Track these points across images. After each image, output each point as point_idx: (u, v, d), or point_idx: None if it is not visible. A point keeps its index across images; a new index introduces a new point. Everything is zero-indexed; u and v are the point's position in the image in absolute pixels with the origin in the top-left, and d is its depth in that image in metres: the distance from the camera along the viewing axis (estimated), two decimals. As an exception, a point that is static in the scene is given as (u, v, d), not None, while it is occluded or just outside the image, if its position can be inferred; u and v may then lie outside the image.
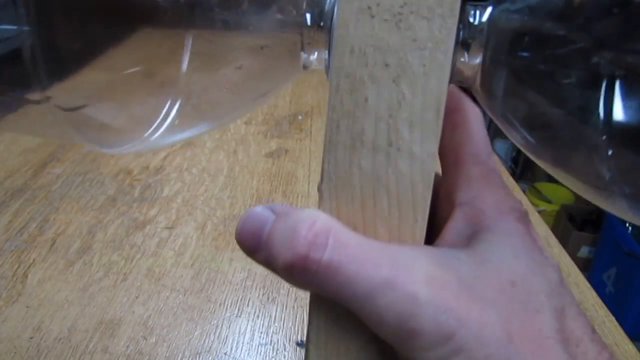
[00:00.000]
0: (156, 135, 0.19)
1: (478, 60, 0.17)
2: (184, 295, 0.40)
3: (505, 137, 0.20)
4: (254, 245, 0.16)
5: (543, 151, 0.18)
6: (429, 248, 0.16)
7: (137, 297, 0.40)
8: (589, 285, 0.44)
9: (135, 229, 0.48)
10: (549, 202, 1.66)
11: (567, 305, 0.16)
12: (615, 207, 0.16)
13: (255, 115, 0.74)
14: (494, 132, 1.54)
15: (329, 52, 0.17)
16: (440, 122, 0.16)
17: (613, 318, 0.40)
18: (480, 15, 0.17)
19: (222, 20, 0.18)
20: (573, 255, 0.48)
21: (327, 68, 0.18)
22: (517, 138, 0.18)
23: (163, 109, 0.18)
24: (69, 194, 0.53)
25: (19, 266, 0.43)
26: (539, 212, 0.55)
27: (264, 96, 0.21)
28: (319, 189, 0.17)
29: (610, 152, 0.15)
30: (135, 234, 0.47)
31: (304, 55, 0.19)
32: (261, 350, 0.36)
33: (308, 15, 0.18)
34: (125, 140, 0.19)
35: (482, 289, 0.15)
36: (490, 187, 0.18)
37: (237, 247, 0.16)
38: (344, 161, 0.16)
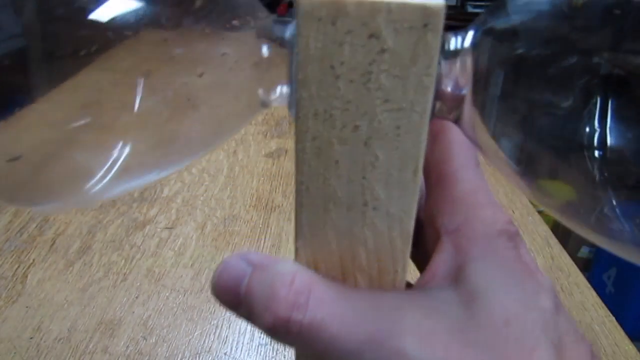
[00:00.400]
0: (97, 187, 0.16)
1: (464, 91, 0.15)
2: (184, 295, 0.40)
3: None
4: (233, 302, 0.15)
5: (532, 185, 0.16)
6: (414, 294, 0.16)
7: (137, 297, 0.40)
8: (589, 285, 0.44)
9: (135, 229, 0.48)
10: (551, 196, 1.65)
11: (564, 334, 0.15)
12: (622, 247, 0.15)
13: (255, 115, 0.74)
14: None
15: (290, 89, 0.16)
16: (419, 180, 0.15)
17: (613, 318, 0.40)
18: (462, 41, 0.15)
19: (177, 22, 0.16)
20: (573, 255, 0.48)
21: (290, 104, 0.16)
22: (505, 170, 0.17)
23: (110, 156, 0.16)
24: (68, 194, 0.53)
25: (18, 266, 0.43)
26: (539, 212, 0.55)
27: (224, 129, 0.19)
28: (295, 246, 0.16)
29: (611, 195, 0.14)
30: (135, 234, 0.47)
31: (261, 93, 0.17)
32: (261, 351, 0.36)
33: (265, 48, 0.16)
34: (60, 195, 0.17)
35: (475, 333, 0.14)
36: (476, 209, 0.16)
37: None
38: (318, 221, 0.16)
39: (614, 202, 0.13)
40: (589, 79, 0.13)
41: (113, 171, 0.16)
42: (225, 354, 0.35)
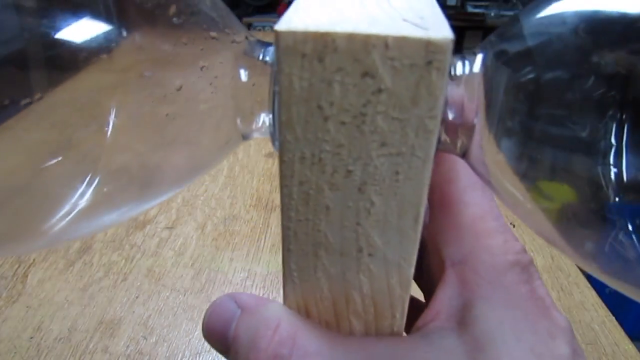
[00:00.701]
0: (58, 227, 0.14)
1: (475, 120, 0.14)
2: (184, 295, 0.40)
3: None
4: (222, 347, 0.15)
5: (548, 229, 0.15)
6: (413, 342, 0.14)
7: (137, 297, 0.40)
8: (589, 285, 0.44)
9: (135, 229, 0.48)
10: (551, 200, 1.65)
11: None
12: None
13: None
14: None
15: (273, 122, 0.14)
16: (419, 227, 0.13)
17: (613, 318, 0.40)
18: (471, 66, 0.14)
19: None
20: (573, 255, 0.48)
21: (272, 136, 0.15)
22: (524, 211, 0.15)
23: (75, 191, 0.13)
24: (69, 194, 0.53)
25: (19, 266, 0.43)
26: (539, 212, 0.55)
27: (200, 160, 0.16)
28: (284, 291, 0.15)
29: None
30: (135, 234, 0.47)
31: (239, 123, 0.15)
32: (261, 350, 0.36)
33: (242, 72, 0.14)
34: (14, 235, 0.14)
35: None
36: (484, 238, 0.15)
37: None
38: (307, 266, 0.14)
39: (630, 227, 0.12)
40: (604, 102, 0.12)
41: (79, 207, 0.14)
42: (225, 353, 0.35)
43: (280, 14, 1.78)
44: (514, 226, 0.51)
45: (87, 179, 0.14)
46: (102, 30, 0.13)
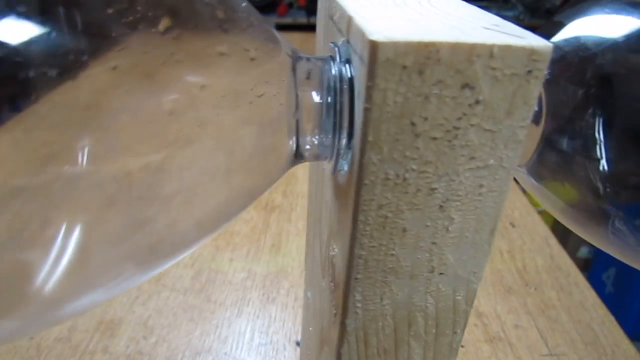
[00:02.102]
0: (43, 293, 0.10)
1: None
2: (184, 295, 0.40)
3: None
4: None
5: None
6: None
7: (137, 297, 0.40)
8: (588, 285, 0.44)
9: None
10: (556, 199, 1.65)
11: None
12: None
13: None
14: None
15: (346, 147, 0.13)
16: (493, 239, 0.13)
17: (613, 318, 0.40)
18: None
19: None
20: (573, 255, 0.48)
21: (334, 168, 0.14)
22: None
23: (50, 247, 0.10)
24: (69, 194, 0.53)
25: (19, 266, 0.43)
26: (539, 212, 0.55)
27: (240, 190, 0.13)
28: (343, 323, 0.14)
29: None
30: (136, 234, 0.48)
31: (289, 146, 0.13)
32: (261, 350, 0.36)
33: (292, 90, 0.12)
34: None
35: None
36: None
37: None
38: (374, 295, 0.14)
39: (623, 215, 0.13)
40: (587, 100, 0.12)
41: (58, 270, 0.10)
42: (225, 353, 0.35)
43: (280, 14, 1.78)
44: (513, 226, 0.51)
45: (62, 228, 0.11)
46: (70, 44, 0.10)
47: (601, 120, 0.13)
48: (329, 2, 0.16)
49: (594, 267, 1.46)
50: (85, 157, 0.10)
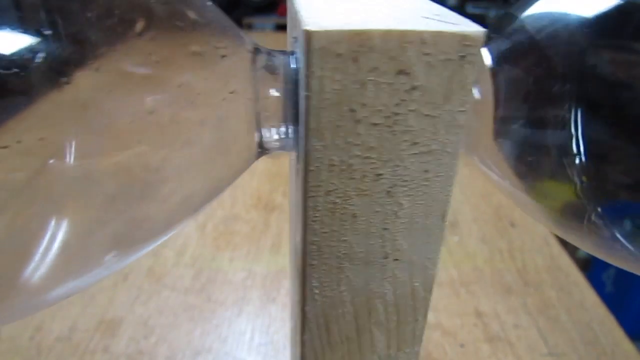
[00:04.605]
0: (31, 282, 0.11)
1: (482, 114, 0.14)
2: (185, 295, 0.40)
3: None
4: None
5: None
6: None
7: (137, 297, 0.40)
8: (588, 285, 0.44)
9: (135, 229, 0.48)
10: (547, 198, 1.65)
11: None
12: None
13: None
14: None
15: (294, 135, 0.13)
16: (445, 225, 0.13)
17: (613, 318, 0.40)
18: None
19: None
20: (573, 255, 0.48)
21: (293, 152, 0.14)
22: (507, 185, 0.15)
23: (40, 237, 0.11)
24: (69, 194, 0.53)
25: (19, 266, 0.43)
26: (539, 212, 0.55)
27: (212, 178, 0.14)
28: (303, 310, 0.14)
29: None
30: (136, 234, 0.48)
31: (255, 139, 0.13)
32: (261, 350, 0.36)
33: (254, 84, 0.12)
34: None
35: None
36: None
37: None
38: (331, 281, 0.14)
39: (599, 209, 0.13)
40: (564, 84, 0.12)
41: (47, 259, 0.11)
42: (225, 353, 0.35)
43: (280, 14, 1.78)
44: (513, 226, 0.51)
45: (52, 220, 0.11)
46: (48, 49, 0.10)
47: (575, 110, 0.13)
48: None
49: (594, 267, 1.46)
50: (71, 152, 0.11)
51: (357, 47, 0.11)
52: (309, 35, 0.10)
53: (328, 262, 0.13)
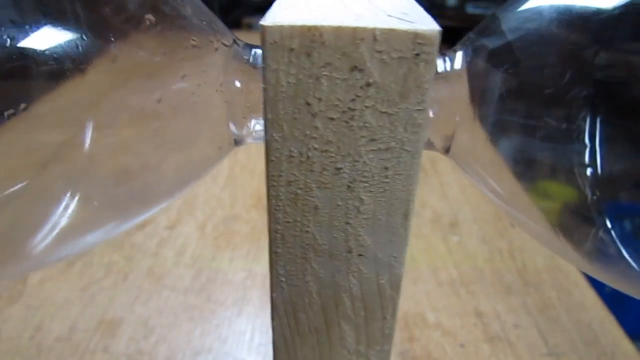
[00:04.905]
0: (41, 247, 0.13)
1: (457, 117, 0.13)
2: (185, 295, 0.40)
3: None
4: None
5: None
6: None
7: (137, 297, 0.40)
8: (588, 285, 0.44)
9: (135, 229, 0.48)
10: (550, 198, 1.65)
11: None
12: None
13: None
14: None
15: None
16: (410, 224, 0.13)
17: (613, 318, 0.40)
18: (452, 63, 0.14)
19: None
20: (573, 255, 0.48)
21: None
22: (500, 198, 0.15)
23: (55, 208, 0.13)
24: (69, 194, 0.53)
25: (19, 266, 0.43)
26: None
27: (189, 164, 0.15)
28: (271, 296, 0.15)
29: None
30: (136, 234, 0.48)
31: (232, 129, 0.14)
32: (262, 350, 0.36)
33: (231, 76, 0.13)
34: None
35: None
36: None
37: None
38: (296, 271, 0.14)
39: (609, 225, 0.12)
40: (578, 93, 0.12)
41: (62, 223, 0.13)
42: (225, 353, 0.35)
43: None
44: (513, 226, 0.51)
45: (70, 192, 0.13)
46: (74, 42, 0.12)
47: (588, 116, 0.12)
48: None
49: (594, 267, 1.46)
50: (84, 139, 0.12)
51: (310, 42, 0.11)
52: (263, 29, 0.11)
53: (292, 252, 0.14)
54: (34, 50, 0.11)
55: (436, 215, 0.52)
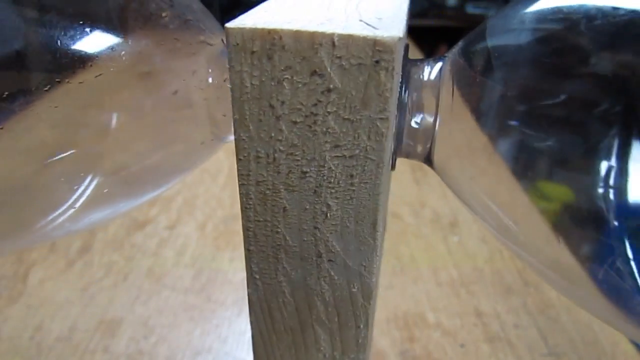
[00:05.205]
0: (54, 224, 0.14)
1: (437, 126, 0.13)
2: (185, 295, 0.40)
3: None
4: None
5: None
6: None
7: (137, 297, 0.40)
8: (588, 285, 0.44)
9: (135, 229, 0.48)
10: (549, 200, 1.65)
11: None
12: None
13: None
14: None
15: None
16: (379, 235, 0.13)
17: (613, 318, 0.40)
18: (430, 71, 0.13)
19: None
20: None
21: None
22: (482, 211, 0.14)
23: (74, 192, 0.14)
24: (69, 194, 0.53)
25: (20, 266, 0.43)
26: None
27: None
28: (248, 294, 0.15)
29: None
30: (136, 234, 0.48)
31: (214, 126, 0.15)
32: (261, 350, 0.36)
33: (214, 74, 0.14)
34: (9, 233, 0.14)
35: None
36: None
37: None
38: (269, 269, 0.14)
39: (630, 255, 0.11)
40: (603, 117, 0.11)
41: (76, 206, 0.14)
42: (225, 353, 0.35)
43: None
44: (513, 226, 0.51)
45: (88, 179, 0.14)
46: (105, 36, 0.13)
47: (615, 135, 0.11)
48: None
49: (594, 267, 1.46)
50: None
51: (270, 45, 0.11)
52: (227, 31, 0.11)
53: (264, 250, 0.14)
54: (34, 46, 0.12)
55: (436, 215, 0.52)
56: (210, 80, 0.14)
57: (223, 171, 0.59)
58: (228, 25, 0.11)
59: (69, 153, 0.13)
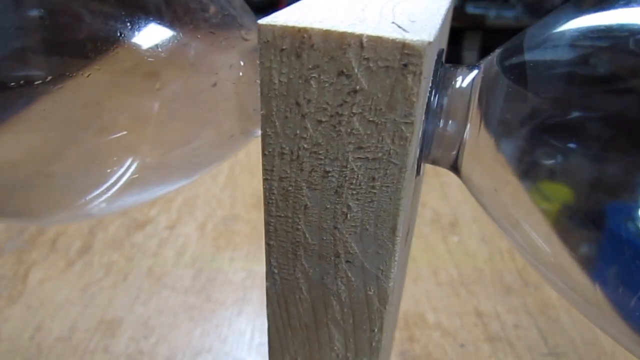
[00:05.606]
0: (96, 203, 0.15)
1: (465, 134, 0.13)
2: (185, 295, 0.40)
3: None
4: None
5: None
6: None
7: (137, 297, 0.40)
8: (588, 285, 0.44)
9: (135, 229, 0.48)
10: (550, 201, 1.65)
11: None
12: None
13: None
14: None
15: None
16: (399, 240, 0.13)
17: (613, 318, 0.40)
18: (463, 78, 0.13)
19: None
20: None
21: None
22: (514, 236, 0.14)
23: (116, 169, 0.15)
24: (69, 194, 0.53)
25: (20, 266, 0.43)
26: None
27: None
28: (266, 287, 0.15)
29: None
30: (136, 234, 0.48)
31: (243, 120, 0.16)
32: (261, 350, 0.36)
33: (246, 69, 0.15)
34: (53, 208, 0.16)
35: None
36: None
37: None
38: (288, 265, 0.14)
39: None
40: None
41: (117, 186, 0.15)
42: (225, 353, 0.35)
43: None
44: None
45: (128, 163, 0.15)
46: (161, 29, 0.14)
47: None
48: None
49: (594, 267, 1.45)
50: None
51: (299, 43, 0.11)
52: (259, 28, 0.11)
53: (284, 246, 0.14)
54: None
55: (436, 215, 0.52)
56: (241, 74, 0.15)
57: (223, 171, 0.59)
58: (260, 21, 0.11)
59: (113, 136, 0.14)
